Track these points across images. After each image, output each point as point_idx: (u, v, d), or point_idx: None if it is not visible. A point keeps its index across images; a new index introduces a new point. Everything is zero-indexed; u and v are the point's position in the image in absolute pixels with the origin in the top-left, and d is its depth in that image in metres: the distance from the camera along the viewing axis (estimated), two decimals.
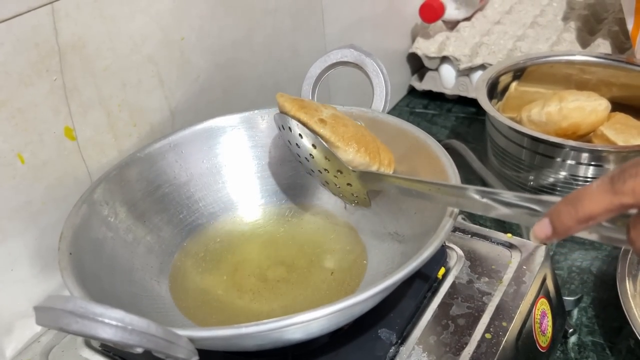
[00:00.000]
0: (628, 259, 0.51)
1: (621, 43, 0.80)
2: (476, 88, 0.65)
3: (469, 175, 0.70)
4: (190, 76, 0.51)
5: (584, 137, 0.64)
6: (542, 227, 0.31)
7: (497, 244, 0.46)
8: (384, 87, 0.46)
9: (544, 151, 0.59)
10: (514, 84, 0.70)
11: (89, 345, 0.41)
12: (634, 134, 0.61)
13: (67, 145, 0.42)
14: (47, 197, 0.41)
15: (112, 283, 0.38)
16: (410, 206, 0.41)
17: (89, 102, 0.42)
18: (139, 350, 0.28)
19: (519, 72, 0.71)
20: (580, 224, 0.30)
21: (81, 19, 0.40)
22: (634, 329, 0.45)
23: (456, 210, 0.35)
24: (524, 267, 0.44)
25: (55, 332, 0.43)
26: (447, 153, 0.40)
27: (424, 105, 0.87)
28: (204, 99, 0.52)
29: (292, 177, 0.49)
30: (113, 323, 0.26)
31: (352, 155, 0.40)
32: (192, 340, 0.29)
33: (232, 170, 0.48)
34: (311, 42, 0.65)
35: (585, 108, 0.63)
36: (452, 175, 0.38)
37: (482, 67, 0.79)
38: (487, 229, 0.48)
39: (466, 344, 0.38)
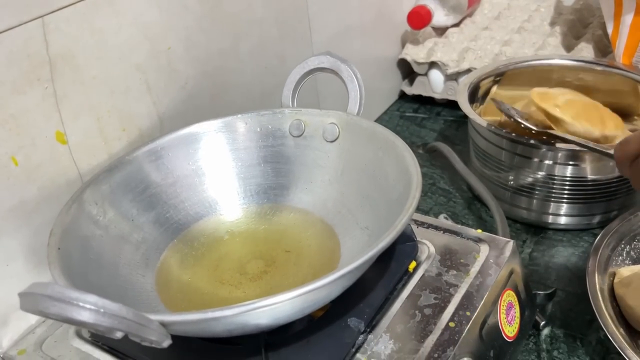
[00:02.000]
0: (598, 254, 0.53)
1: (605, 47, 0.82)
2: (458, 92, 0.67)
3: (452, 176, 0.73)
4: (177, 83, 0.54)
5: None
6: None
7: (467, 239, 0.48)
8: (358, 92, 0.49)
9: (522, 152, 0.61)
10: (494, 88, 0.72)
11: (80, 336, 0.44)
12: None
13: (59, 148, 0.45)
14: (40, 198, 0.44)
15: (99, 277, 0.41)
16: (380, 203, 0.44)
17: (79, 109, 0.45)
18: (118, 335, 0.31)
19: (500, 77, 0.73)
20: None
21: (70, 31, 0.43)
22: (600, 322, 0.47)
23: (414, 204, 0.37)
24: (491, 260, 0.46)
25: (48, 324, 0.45)
26: (411, 152, 0.42)
27: (414, 109, 0.90)
28: (191, 105, 0.55)
29: (272, 178, 0.51)
30: (87, 306, 0.28)
31: (578, 127, 0.58)
32: (163, 324, 0.31)
33: (215, 172, 0.51)
34: (298, 50, 0.68)
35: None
36: (414, 172, 0.40)
37: (469, 71, 0.82)
38: (460, 226, 0.50)
39: (431, 331, 0.40)
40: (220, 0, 0.56)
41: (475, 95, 0.71)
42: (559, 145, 0.59)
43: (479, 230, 0.49)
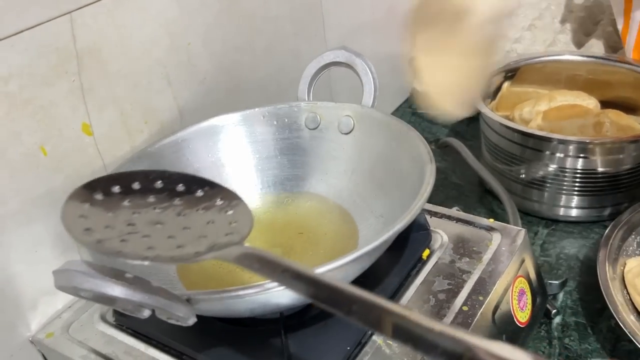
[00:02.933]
0: (609, 245, 0.54)
1: (615, 43, 0.82)
2: None
3: (465, 170, 0.74)
4: (196, 78, 0.55)
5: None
6: None
7: (480, 228, 0.50)
8: (372, 85, 0.50)
9: (533, 145, 0.62)
10: (506, 84, 0.73)
11: (105, 320, 0.46)
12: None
13: (85, 139, 0.46)
14: (66, 186, 0.46)
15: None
16: (394, 192, 0.45)
17: (104, 101, 0.47)
18: (145, 313, 0.33)
19: (511, 73, 0.74)
20: None
21: (96, 26, 0.45)
22: (611, 310, 0.48)
23: (428, 189, 0.38)
24: (503, 248, 0.47)
25: (75, 309, 0.47)
26: (424, 140, 0.44)
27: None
28: (209, 99, 0.57)
29: (289, 169, 0.53)
30: (119, 282, 0.30)
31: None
32: (189, 300, 0.33)
33: (234, 163, 0.52)
34: (312, 46, 0.69)
35: (573, 106, 0.66)
36: (428, 160, 0.41)
37: None
38: (472, 215, 0.51)
39: (444, 315, 0.41)
40: None
41: (487, 91, 0.72)
42: (570, 137, 0.60)
43: (491, 220, 0.50)
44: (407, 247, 0.47)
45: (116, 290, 0.30)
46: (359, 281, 0.39)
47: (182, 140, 0.51)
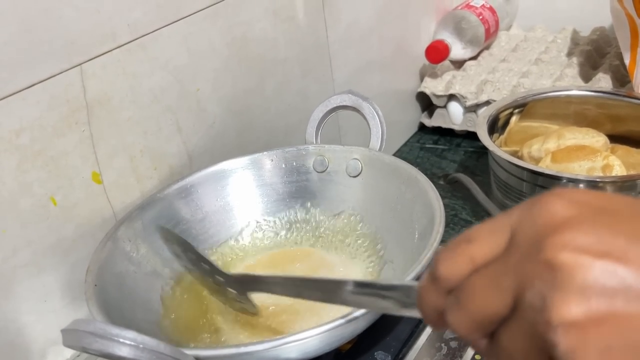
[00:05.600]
0: None
1: (622, 76, 0.82)
2: (477, 125, 0.68)
3: (474, 207, 0.74)
4: (206, 122, 0.56)
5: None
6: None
7: None
8: (379, 128, 0.51)
9: (542, 183, 0.62)
10: (514, 119, 0.73)
11: None
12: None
13: (94, 188, 0.47)
14: (76, 235, 0.46)
15: (132, 311, 0.42)
16: (403, 237, 0.45)
17: (114, 149, 0.48)
18: None
19: (520, 108, 0.74)
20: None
21: (106, 77, 0.46)
22: None
23: (438, 239, 0.38)
24: None
25: (83, 358, 0.47)
26: (433, 187, 0.43)
27: (434, 140, 0.91)
28: (219, 143, 0.57)
29: (298, 212, 0.53)
30: (127, 342, 0.30)
31: None
32: (198, 359, 0.33)
33: (243, 207, 0.53)
34: (320, 87, 0.70)
35: (583, 144, 0.66)
36: (437, 207, 0.41)
37: (488, 103, 0.83)
38: None
39: None
40: (246, 42, 0.58)
41: (495, 126, 0.72)
42: (579, 176, 0.59)
43: None
44: None
45: (124, 350, 0.30)
46: (370, 329, 0.39)
47: (191, 186, 0.51)
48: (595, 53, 0.90)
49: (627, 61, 0.74)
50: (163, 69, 0.50)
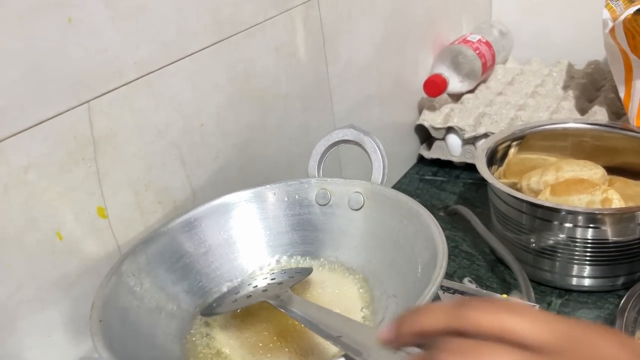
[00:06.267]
0: (624, 317, 0.54)
1: (618, 109, 0.84)
2: (476, 157, 0.69)
3: (475, 238, 0.74)
4: (209, 157, 0.57)
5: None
6: (387, 330, 0.31)
7: None
8: (381, 162, 0.51)
9: (542, 215, 0.63)
10: (512, 151, 0.74)
11: None
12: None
13: (100, 223, 0.47)
14: (81, 270, 0.46)
15: (137, 347, 0.42)
16: (406, 270, 0.45)
17: (119, 185, 0.48)
18: None
19: (517, 140, 0.75)
20: (414, 336, 0.29)
21: (113, 113, 0.47)
22: None
23: (441, 274, 0.39)
24: None
25: None
26: (435, 221, 0.44)
27: (433, 172, 0.92)
28: (222, 176, 0.58)
29: (300, 245, 0.53)
30: None
31: None
32: None
33: (246, 240, 0.53)
34: (320, 121, 0.71)
35: (581, 176, 0.67)
36: (440, 242, 0.41)
37: (486, 135, 0.84)
38: (486, 291, 0.51)
39: None
40: (248, 77, 0.59)
41: (494, 158, 0.73)
42: (578, 208, 0.60)
43: (504, 295, 0.50)
44: None
45: None
46: None
47: (194, 219, 0.52)
48: (590, 86, 0.92)
49: (622, 94, 0.75)
50: (168, 105, 0.51)
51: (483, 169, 0.67)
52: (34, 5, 0.40)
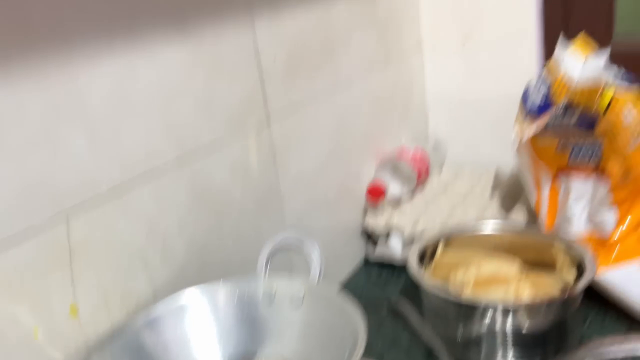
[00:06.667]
0: None
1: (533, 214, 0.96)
2: (408, 258, 0.79)
3: (412, 332, 0.81)
4: (170, 259, 0.64)
5: None
6: None
7: None
8: (318, 262, 0.60)
9: (465, 309, 0.71)
10: (439, 251, 0.84)
11: None
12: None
13: (71, 321, 0.54)
14: None
15: None
16: (335, 354, 0.53)
17: (91, 287, 0.55)
18: None
19: (446, 240, 0.85)
20: None
21: (87, 225, 0.55)
22: None
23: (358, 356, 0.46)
24: None
25: None
26: (361, 316, 0.52)
27: (378, 270, 1.00)
28: (181, 279, 0.66)
29: (247, 341, 0.60)
30: None
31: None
32: None
33: (199, 336, 0.60)
34: (272, 222, 0.80)
35: (499, 272, 0.77)
36: (361, 335, 0.49)
37: (423, 235, 0.94)
38: None
39: None
40: (206, 189, 0.69)
41: (425, 258, 0.82)
42: (494, 302, 0.69)
43: None
44: None
45: None
46: None
47: (153, 319, 0.59)
48: (514, 191, 1.04)
49: (532, 202, 0.87)
50: (135, 216, 0.60)
51: (414, 269, 0.76)
52: (32, 141, 0.50)
